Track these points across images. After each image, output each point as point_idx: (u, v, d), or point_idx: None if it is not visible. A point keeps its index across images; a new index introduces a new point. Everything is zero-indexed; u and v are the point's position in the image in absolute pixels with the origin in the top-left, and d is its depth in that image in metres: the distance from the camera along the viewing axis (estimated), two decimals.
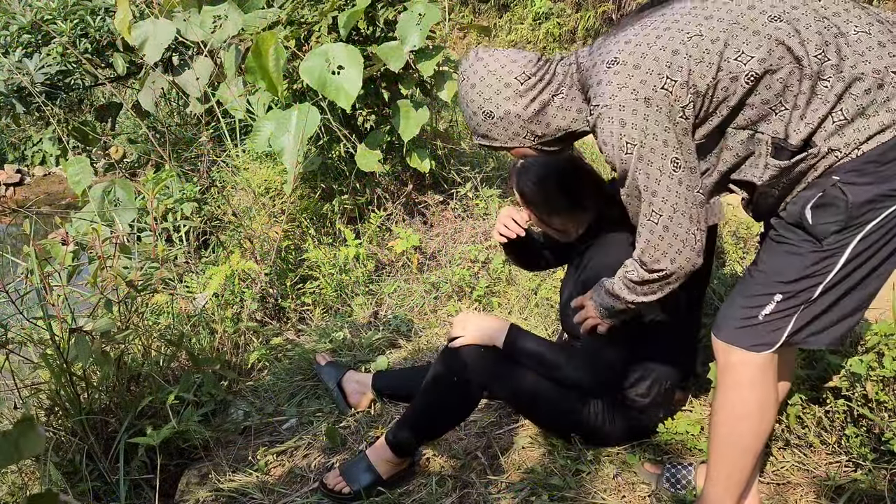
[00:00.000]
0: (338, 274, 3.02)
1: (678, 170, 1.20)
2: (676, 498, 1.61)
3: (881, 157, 1.13)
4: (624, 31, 1.25)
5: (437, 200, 3.58)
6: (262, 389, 2.35)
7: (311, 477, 1.90)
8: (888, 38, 1.14)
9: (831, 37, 1.14)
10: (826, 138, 1.15)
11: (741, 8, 1.19)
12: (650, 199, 1.22)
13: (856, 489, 1.54)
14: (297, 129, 2.87)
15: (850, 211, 1.14)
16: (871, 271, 1.21)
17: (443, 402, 1.75)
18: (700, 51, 1.17)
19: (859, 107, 1.13)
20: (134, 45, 3.31)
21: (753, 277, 1.28)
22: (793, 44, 1.14)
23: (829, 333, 1.27)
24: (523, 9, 11.80)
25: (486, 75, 1.34)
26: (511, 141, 1.38)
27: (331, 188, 3.53)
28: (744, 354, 1.28)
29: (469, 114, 1.38)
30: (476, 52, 1.37)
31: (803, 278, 1.21)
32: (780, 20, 1.16)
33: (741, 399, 1.31)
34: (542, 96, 1.34)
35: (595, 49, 1.31)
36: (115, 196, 2.70)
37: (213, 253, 3.50)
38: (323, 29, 3.00)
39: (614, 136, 1.20)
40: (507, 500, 1.68)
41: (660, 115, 1.17)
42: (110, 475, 1.88)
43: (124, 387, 2.07)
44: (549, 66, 1.35)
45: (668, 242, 1.24)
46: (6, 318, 2.02)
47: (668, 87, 1.17)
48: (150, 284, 2.13)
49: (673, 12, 1.23)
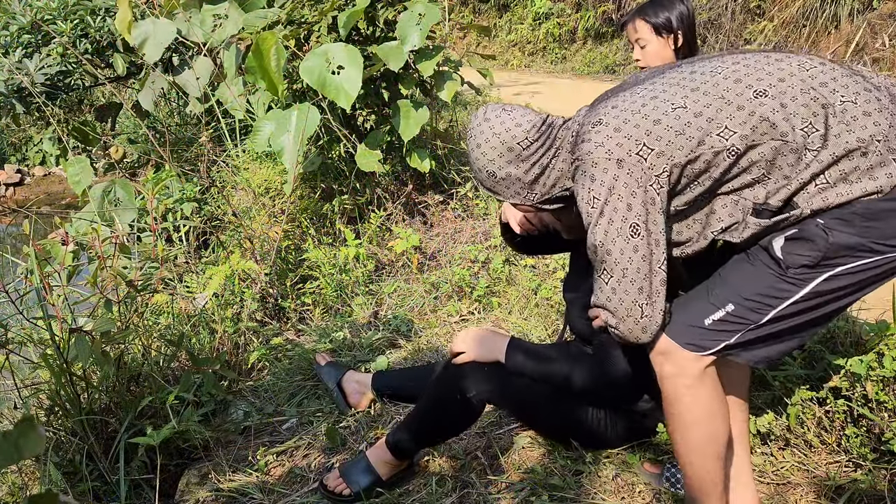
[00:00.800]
0: (338, 274, 3.02)
1: (635, 236, 1.21)
2: (676, 497, 1.62)
3: (866, 213, 1.14)
4: (616, 96, 1.30)
5: (437, 200, 3.58)
6: (262, 389, 2.35)
7: (311, 477, 1.90)
8: (874, 108, 1.16)
9: (818, 108, 1.16)
10: (808, 200, 1.17)
11: (728, 82, 1.21)
12: (604, 257, 1.25)
13: (856, 489, 1.54)
14: (297, 129, 2.87)
15: (827, 251, 1.15)
16: (824, 310, 1.22)
17: (445, 414, 1.75)
18: (682, 123, 1.19)
19: (842, 173, 1.15)
20: (134, 45, 3.31)
21: (713, 283, 1.30)
22: (777, 119, 1.16)
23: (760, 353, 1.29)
24: (523, 9, 11.81)
25: (490, 137, 1.39)
26: (513, 198, 1.45)
27: (331, 188, 3.53)
28: (679, 363, 1.29)
29: (475, 169, 1.46)
30: (484, 112, 1.43)
31: (758, 299, 1.22)
32: (765, 95, 1.17)
33: (683, 409, 1.31)
34: (542, 161, 1.39)
35: (590, 112, 1.35)
36: (115, 196, 2.70)
37: (213, 253, 3.50)
38: (323, 29, 3.00)
39: (584, 188, 1.25)
40: (507, 500, 1.68)
41: (629, 179, 1.20)
42: (110, 475, 1.88)
43: (124, 387, 2.07)
44: (551, 131, 1.39)
45: (614, 306, 1.26)
46: (6, 318, 2.02)
47: (642, 154, 1.20)
48: (150, 284, 2.13)
49: (664, 81, 1.27)
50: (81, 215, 2.81)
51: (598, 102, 1.37)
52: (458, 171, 3.70)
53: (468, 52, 4.24)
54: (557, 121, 1.42)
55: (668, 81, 1.26)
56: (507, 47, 11.83)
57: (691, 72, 1.27)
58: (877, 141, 1.13)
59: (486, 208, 3.46)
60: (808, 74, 1.20)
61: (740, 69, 1.23)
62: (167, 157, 3.27)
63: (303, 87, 3.19)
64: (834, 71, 1.21)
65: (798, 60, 1.23)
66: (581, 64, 10.18)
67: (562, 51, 10.88)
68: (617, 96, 1.30)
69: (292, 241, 3.25)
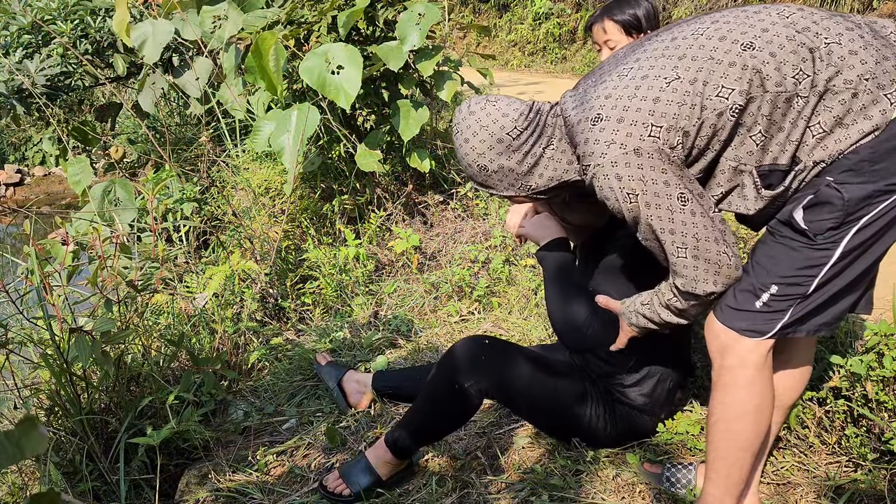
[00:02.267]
0: (338, 274, 3.02)
1: (687, 202, 1.22)
2: (676, 497, 1.62)
3: (872, 157, 1.14)
4: (603, 83, 1.28)
5: (437, 200, 3.58)
6: (262, 389, 2.35)
7: (311, 477, 1.90)
8: (859, 45, 1.15)
9: (806, 52, 1.16)
10: (809, 152, 1.18)
11: (713, 41, 1.20)
12: (671, 238, 1.24)
13: (856, 489, 1.54)
14: (297, 129, 2.87)
15: (847, 208, 1.16)
16: (865, 260, 1.23)
17: (442, 408, 1.74)
18: (680, 94, 1.19)
19: (836, 118, 1.15)
20: (133, 46, 3.31)
21: (752, 269, 1.29)
22: (769, 70, 1.16)
23: (817, 321, 1.29)
24: (523, 9, 11.81)
25: (478, 130, 1.37)
26: (507, 190, 1.43)
27: (331, 188, 3.53)
28: (741, 354, 1.29)
29: (465, 165, 1.42)
30: (469, 105, 1.40)
31: (798, 273, 1.23)
32: (752, 48, 1.18)
33: (737, 399, 1.31)
34: (535, 150, 1.37)
35: (579, 101, 1.33)
36: (115, 196, 2.70)
37: (213, 253, 3.50)
38: (322, 29, 3.00)
39: (614, 190, 1.24)
40: (507, 500, 1.68)
41: (653, 161, 1.20)
42: (110, 475, 1.88)
43: (124, 387, 2.07)
44: (539, 118, 1.37)
45: (704, 269, 1.26)
46: (6, 318, 2.02)
47: (654, 134, 1.20)
48: (150, 284, 2.13)
49: (647, 57, 1.26)
50: (81, 215, 2.81)
51: (584, 88, 1.34)
52: (458, 171, 3.70)
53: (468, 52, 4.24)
54: (544, 106, 1.40)
55: (653, 55, 1.25)
56: (507, 47, 11.83)
57: (672, 39, 1.26)
58: (865, 80, 1.13)
59: (486, 208, 3.46)
60: (789, 21, 1.20)
61: (722, 27, 1.22)
62: (167, 157, 3.27)
63: (303, 87, 3.19)
64: (813, 15, 1.20)
65: (776, 9, 1.23)
66: (581, 64, 10.18)
67: (562, 51, 10.88)
68: (605, 82, 1.28)
69: (292, 241, 3.25)
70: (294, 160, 2.91)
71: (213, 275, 2.63)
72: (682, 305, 1.33)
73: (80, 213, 2.85)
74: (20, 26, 4.30)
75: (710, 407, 1.38)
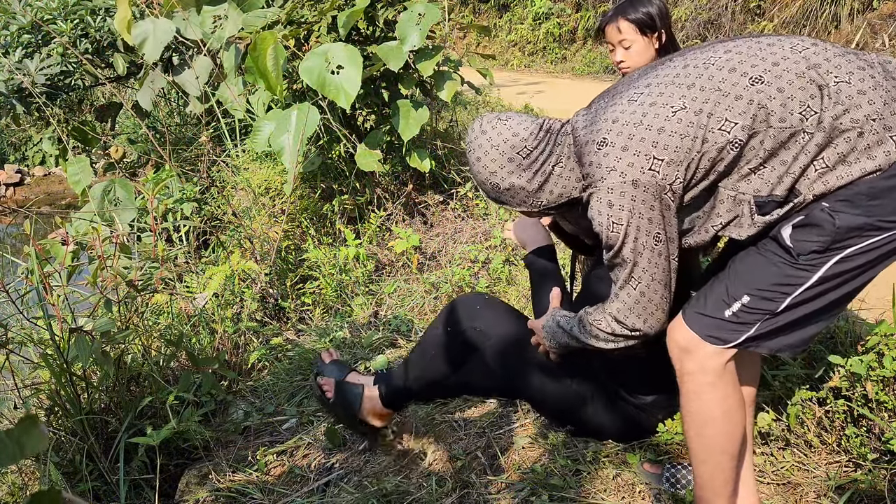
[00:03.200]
0: (338, 274, 3.02)
1: (659, 243, 1.27)
2: (676, 497, 1.62)
3: (870, 192, 1.14)
4: (613, 105, 1.31)
5: (437, 200, 3.58)
6: (262, 389, 2.35)
7: (311, 477, 1.90)
8: (868, 86, 1.16)
9: (815, 90, 1.16)
10: (809, 186, 1.18)
11: (723, 73, 1.22)
12: (631, 269, 1.30)
13: (856, 489, 1.54)
14: (297, 129, 2.87)
15: (836, 234, 1.16)
16: (840, 291, 1.23)
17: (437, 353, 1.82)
18: (684, 125, 1.21)
19: (840, 155, 1.16)
20: (133, 45, 3.31)
21: (727, 276, 1.30)
22: (775, 106, 1.17)
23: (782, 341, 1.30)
24: (523, 9, 11.81)
25: (489, 150, 1.41)
26: (519, 206, 1.47)
27: (331, 188, 3.53)
28: (700, 360, 1.30)
29: (478, 181, 1.48)
30: (480, 125, 1.45)
31: (773, 288, 1.23)
32: (761, 82, 1.18)
33: (703, 406, 1.32)
34: (545, 168, 1.40)
35: (590, 120, 1.36)
36: (115, 196, 2.70)
37: (213, 253, 3.50)
38: (322, 29, 3.00)
39: (602, 214, 1.28)
40: (507, 500, 1.68)
41: (646, 195, 1.23)
42: (110, 475, 1.88)
43: (124, 387, 2.07)
44: (550, 137, 1.41)
45: (643, 306, 1.32)
46: (6, 318, 2.02)
47: (655, 168, 1.22)
48: (150, 284, 2.13)
49: (658, 83, 1.27)
50: (81, 215, 2.81)
51: (595, 109, 1.37)
52: (458, 171, 3.70)
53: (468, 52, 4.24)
54: (555, 124, 1.43)
55: (663, 81, 1.27)
56: (507, 47, 11.84)
57: (684, 66, 1.27)
58: (872, 120, 1.14)
59: (486, 208, 3.46)
60: (801, 56, 1.20)
61: (733, 57, 1.23)
62: (167, 157, 3.27)
63: (303, 87, 3.19)
64: (826, 51, 1.20)
65: (790, 43, 1.23)
66: (581, 64, 10.18)
67: (562, 51, 10.88)
68: (615, 105, 1.31)
69: (292, 241, 3.25)
70: (294, 160, 2.91)
71: (213, 275, 2.64)
72: (608, 329, 1.38)
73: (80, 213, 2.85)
74: (20, 26, 4.31)
75: (681, 414, 1.39)
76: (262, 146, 3.09)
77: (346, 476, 1.87)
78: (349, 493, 1.78)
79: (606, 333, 1.39)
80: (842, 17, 6.78)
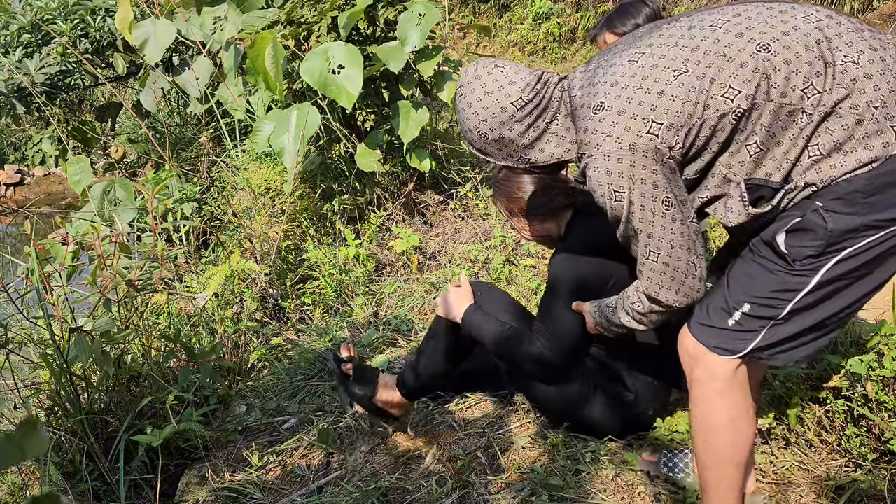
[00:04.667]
0: (338, 274, 3.02)
1: (670, 208, 1.20)
2: (676, 497, 1.62)
3: (866, 188, 1.10)
4: (613, 66, 1.24)
5: (437, 200, 3.58)
6: (263, 389, 2.35)
7: (311, 477, 1.90)
8: (876, 69, 1.10)
9: (821, 66, 1.11)
10: (802, 173, 1.14)
11: (729, 37, 1.16)
12: (646, 240, 1.24)
13: (856, 489, 1.54)
14: (297, 128, 2.87)
15: (829, 238, 1.12)
16: (845, 295, 1.19)
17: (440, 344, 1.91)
18: (686, 90, 1.15)
19: (836, 142, 1.11)
20: (135, 46, 3.31)
21: (727, 285, 1.27)
22: (778, 79, 1.12)
23: (796, 352, 1.26)
24: (523, 9, 11.80)
25: (482, 96, 1.32)
26: (504, 160, 1.39)
27: (331, 188, 3.53)
28: (709, 367, 1.28)
29: (465, 129, 1.38)
30: (475, 68, 1.35)
31: (772, 295, 1.20)
32: (768, 50, 1.13)
33: (711, 412, 1.30)
34: (538, 123, 1.33)
35: (587, 80, 1.29)
36: (115, 196, 2.70)
37: (213, 253, 3.50)
38: (322, 29, 3.00)
39: (602, 185, 1.22)
40: (507, 500, 1.68)
41: (646, 160, 1.17)
42: (110, 475, 1.88)
43: (124, 387, 2.07)
44: (546, 90, 1.33)
45: (671, 276, 1.25)
46: (6, 318, 2.02)
47: (653, 132, 1.16)
48: (150, 284, 2.13)
49: (661, 43, 1.21)
50: (81, 215, 2.81)
51: (594, 67, 1.31)
52: (458, 171, 3.70)
53: (468, 52, 4.24)
54: (553, 77, 1.35)
55: (667, 42, 1.20)
56: (507, 47, 11.83)
57: (690, 27, 1.21)
58: (874, 107, 1.08)
59: (486, 208, 3.46)
60: (814, 27, 1.13)
61: (742, 21, 1.17)
62: (167, 157, 3.27)
63: (303, 87, 3.19)
64: (840, 25, 1.14)
65: (804, 12, 1.16)
66: (581, 64, 10.19)
67: (562, 51, 10.88)
68: (614, 66, 1.23)
69: (292, 241, 3.25)
70: (294, 160, 2.91)
71: (213, 275, 2.64)
72: (643, 309, 1.33)
73: (80, 213, 2.85)
74: (20, 25, 4.31)
75: (689, 419, 1.38)
76: (262, 146, 3.09)
77: (346, 476, 1.87)
78: (349, 493, 1.78)
79: (640, 313, 1.34)
80: None
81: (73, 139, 4.60)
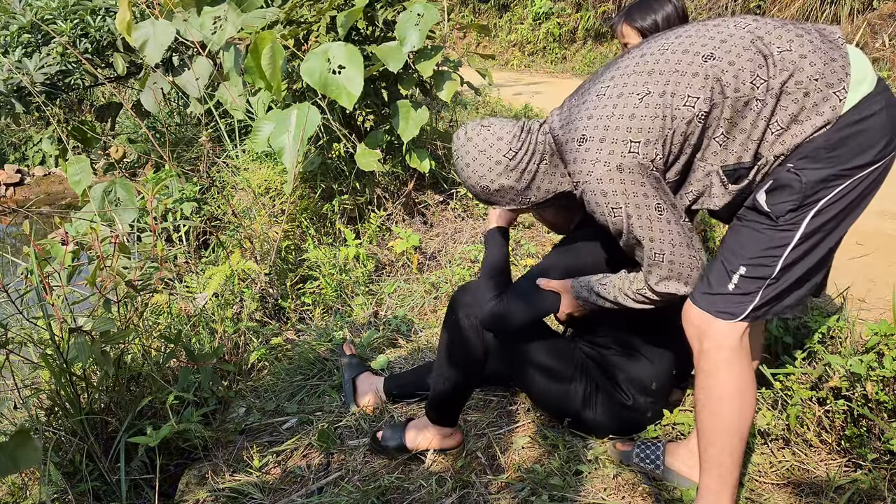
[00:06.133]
0: (338, 274, 3.02)
1: (664, 212, 1.36)
2: (676, 497, 1.62)
3: (826, 144, 1.25)
4: (585, 102, 1.41)
5: (437, 200, 3.58)
6: (263, 389, 2.35)
7: (311, 477, 1.90)
8: (808, 49, 1.27)
9: (761, 59, 1.27)
10: (769, 148, 1.30)
11: (677, 55, 1.33)
12: (650, 245, 1.38)
13: (856, 489, 1.54)
14: (297, 129, 2.87)
15: (805, 190, 1.26)
16: (826, 243, 1.33)
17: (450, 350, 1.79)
18: (653, 108, 1.31)
19: (791, 115, 1.27)
20: (134, 47, 3.31)
21: (721, 254, 1.39)
22: (728, 78, 1.28)
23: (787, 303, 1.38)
24: (523, 9, 11.81)
25: (477, 155, 1.51)
26: (509, 204, 1.57)
27: (331, 188, 3.53)
28: (715, 336, 1.37)
29: (468, 185, 1.56)
30: (465, 132, 1.54)
31: (764, 254, 1.32)
32: (713, 58, 1.30)
33: (719, 382, 1.39)
34: (530, 167, 1.50)
35: (565, 120, 1.46)
36: (115, 196, 2.70)
37: (213, 253, 3.50)
38: (321, 28, 3.00)
39: (600, 205, 1.38)
40: (507, 500, 1.68)
41: (633, 175, 1.33)
42: (110, 475, 1.89)
43: (124, 387, 2.07)
44: (531, 137, 1.50)
45: (678, 272, 1.41)
46: (6, 318, 2.02)
47: (634, 150, 1.32)
48: (149, 284, 2.13)
49: (620, 74, 1.38)
50: (81, 215, 2.81)
51: (568, 107, 1.47)
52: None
53: (468, 52, 4.24)
54: (534, 125, 1.53)
55: (625, 72, 1.37)
56: (507, 47, 11.83)
57: (641, 55, 1.37)
58: (815, 80, 1.25)
59: (486, 208, 3.46)
60: (745, 31, 1.31)
61: (685, 40, 1.34)
62: (167, 157, 3.27)
63: (303, 86, 3.19)
64: (766, 24, 1.32)
65: (734, 21, 1.35)
66: (581, 64, 10.18)
67: (562, 51, 10.88)
68: (586, 102, 1.40)
69: (292, 241, 3.25)
70: (294, 160, 2.91)
71: (213, 275, 2.64)
72: (650, 295, 1.47)
73: (80, 213, 2.85)
74: (20, 25, 4.31)
75: (694, 395, 1.44)
76: (262, 146, 3.09)
77: (346, 476, 1.87)
78: (349, 493, 1.78)
79: (646, 297, 1.47)
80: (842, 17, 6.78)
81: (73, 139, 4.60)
